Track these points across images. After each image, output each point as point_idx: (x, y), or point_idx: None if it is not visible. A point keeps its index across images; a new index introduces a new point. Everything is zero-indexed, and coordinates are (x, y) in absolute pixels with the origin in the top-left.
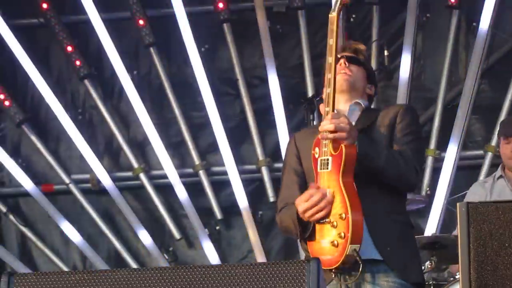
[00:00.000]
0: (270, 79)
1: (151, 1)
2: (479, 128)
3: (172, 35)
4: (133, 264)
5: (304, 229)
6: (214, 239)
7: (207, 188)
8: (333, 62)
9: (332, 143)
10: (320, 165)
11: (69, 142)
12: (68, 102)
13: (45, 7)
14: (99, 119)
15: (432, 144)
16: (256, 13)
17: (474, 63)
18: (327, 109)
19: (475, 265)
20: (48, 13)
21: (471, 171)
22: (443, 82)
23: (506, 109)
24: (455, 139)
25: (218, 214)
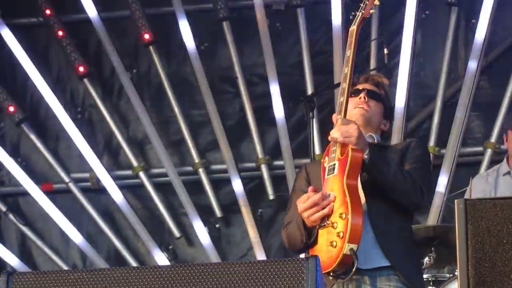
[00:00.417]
0: (270, 77)
1: (150, 0)
2: (479, 125)
3: (172, 33)
4: (132, 262)
5: (309, 236)
6: (213, 237)
7: (207, 186)
8: (348, 72)
9: (341, 149)
10: (328, 171)
11: (68, 141)
12: (67, 101)
13: (44, 6)
14: (99, 118)
15: (432, 141)
16: (255, 11)
17: (473, 60)
18: (339, 117)
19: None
20: (48, 12)
21: (470, 167)
22: (442, 79)
23: (505, 105)
24: (454, 136)
25: (218, 212)
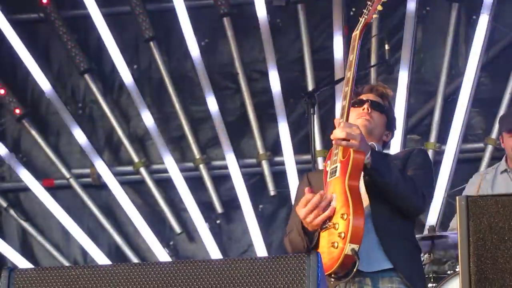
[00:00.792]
0: (270, 73)
1: None
2: (479, 121)
3: (172, 29)
4: (133, 258)
5: (311, 241)
6: (214, 233)
7: (208, 182)
8: (351, 76)
9: (343, 152)
10: (330, 174)
11: (69, 137)
12: (68, 96)
13: (45, 1)
14: (100, 114)
15: (432, 137)
16: (255, 7)
17: (474, 56)
18: (341, 121)
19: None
20: (48, 7)
21: (471, 164)
22: (443, 75)
23: (506, 102)
24: (455, 132)
25: (219, 208)
